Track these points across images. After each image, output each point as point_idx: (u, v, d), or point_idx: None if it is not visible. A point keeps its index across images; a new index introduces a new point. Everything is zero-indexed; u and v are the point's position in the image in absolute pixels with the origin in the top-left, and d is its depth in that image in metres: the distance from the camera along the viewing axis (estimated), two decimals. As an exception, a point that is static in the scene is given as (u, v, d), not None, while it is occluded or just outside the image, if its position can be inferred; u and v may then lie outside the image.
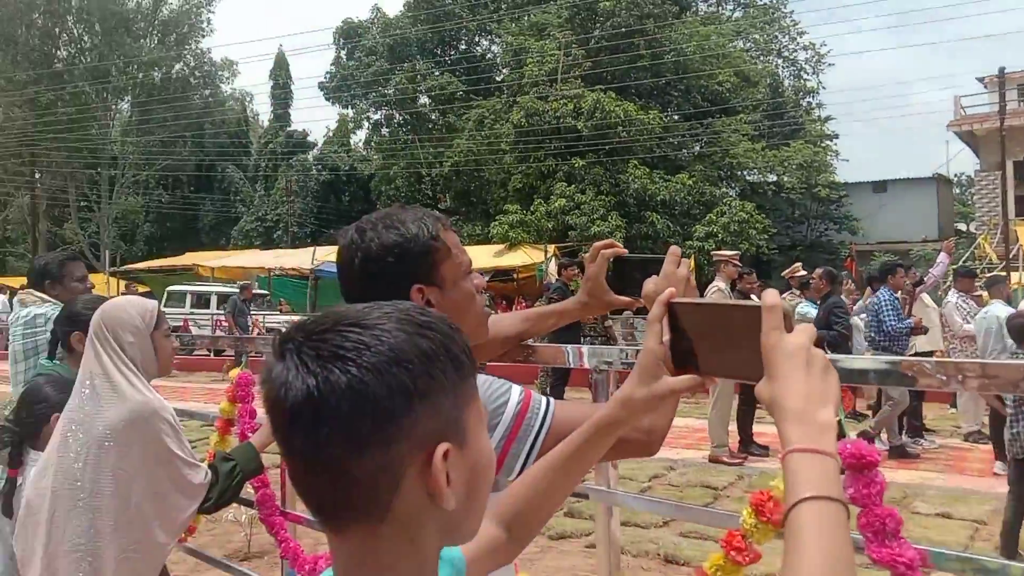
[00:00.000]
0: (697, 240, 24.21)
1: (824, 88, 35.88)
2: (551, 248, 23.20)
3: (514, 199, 27.59)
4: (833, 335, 7.15)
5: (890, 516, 1.30)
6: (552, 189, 26.85)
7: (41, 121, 37.61)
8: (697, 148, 30.02)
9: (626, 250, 1.70)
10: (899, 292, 8.15)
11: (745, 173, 30.18)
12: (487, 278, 15.61)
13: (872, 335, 7.67)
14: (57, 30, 40.45)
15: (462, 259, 1.47)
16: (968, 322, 7.89)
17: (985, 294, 8.36)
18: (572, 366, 1.98)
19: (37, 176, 39.75)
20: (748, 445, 7.67)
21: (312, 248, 25.44)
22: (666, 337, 0.99)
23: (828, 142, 32.06)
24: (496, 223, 26.22)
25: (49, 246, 38.02)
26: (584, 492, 1.87)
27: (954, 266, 10.21)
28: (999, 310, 7.11)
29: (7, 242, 43.43)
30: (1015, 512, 4.61)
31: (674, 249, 1.42)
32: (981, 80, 29.85)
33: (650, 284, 1.36)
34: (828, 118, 33.29)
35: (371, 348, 0.75)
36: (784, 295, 9.16)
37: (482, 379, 1.34)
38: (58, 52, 40.83)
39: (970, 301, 8.31)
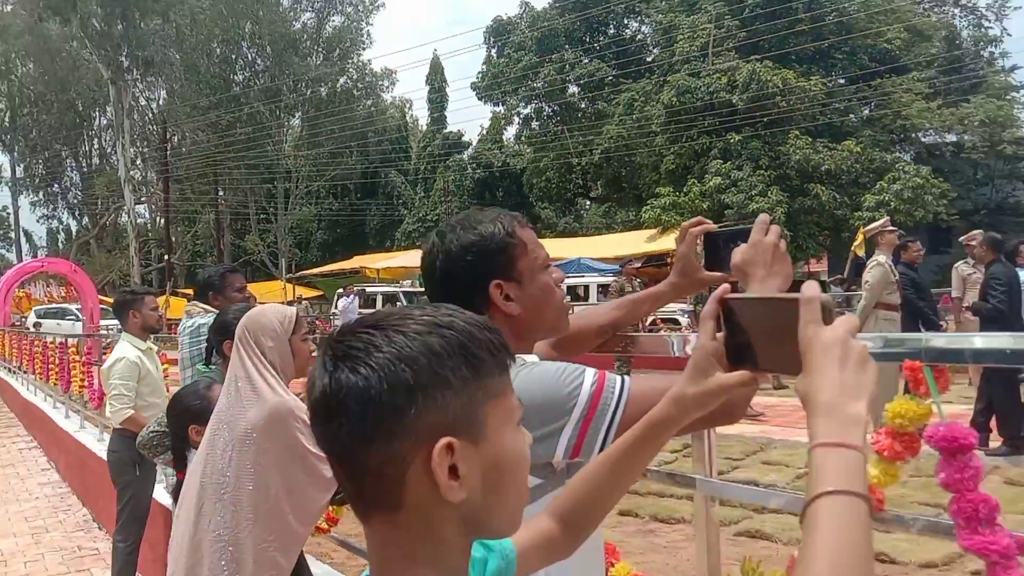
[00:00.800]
0: (867, 211, 22.73)
1: (1009, 35, 32.65)
2: (708, 229, 22.56)
3: (666, 181, 27.05)
4: (989, 309, 6.55)
5: (984, 502, 1.21)
6: (707, 168, 26.11)
7: (222, 142, 40.95)
8: (866, 112, 28.19)
9: (714, 225, 1.67)
10: None
11: (920, 135, 28.03)
12: (639, 264, 15.42)
13: None
14: (233, 56, 43.86)
15: (539, 253, 1.50)
16: None
17: None
18: (677, 354, 1.96)
19: (220, 193, 43.28)
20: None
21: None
22: (720, 333, 0.99)
23: (1014, 94, 29.19)
24: (648, 207, 25.82)
25: (233, 257, 41.39)
26: (688, 479, 1.85)
27: None
28: None
29: (197, 256, 47.56)
30: None
31: (763, 217, 1.39)
32: None
33: (738, 255, 1.34)
34: (1013, 67, 30.34)
35: (379, 348, 0.81)
36: (958, 264, 8.48)
37: (556, 365, 1.36)
38: (234, 77, 44.28)
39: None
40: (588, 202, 39.20)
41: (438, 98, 45.96)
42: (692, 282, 1.74)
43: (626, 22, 36.09)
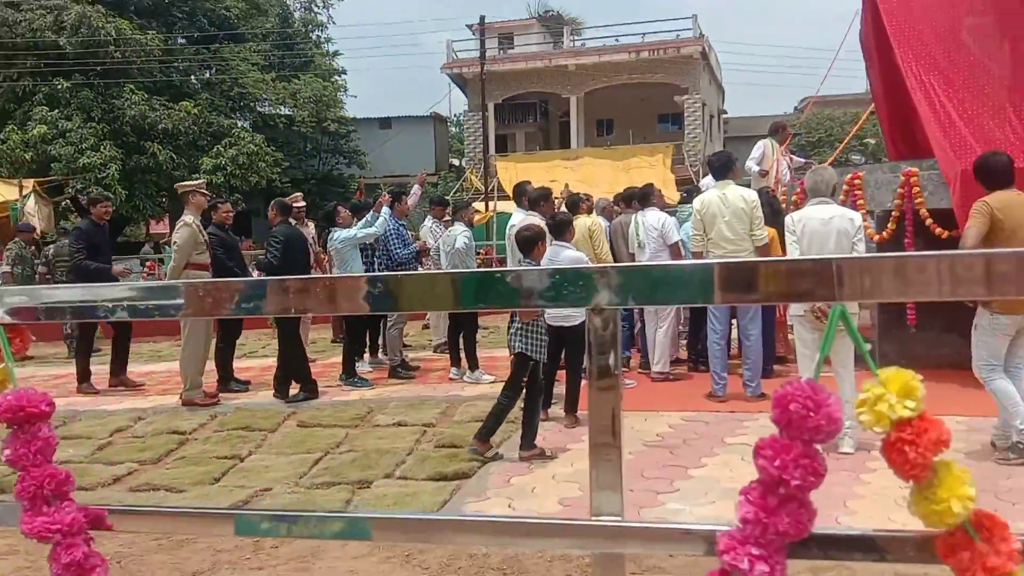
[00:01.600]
0: (205, 173, 22.92)
1: (334, 23, 36.44)
2: (29, 183, 19.97)
3: (-24, 125, 23.09)
4: (265, 263, 7.50)
5: (51, 477, 1.11)
6: (31, 114, 23.06)
7: None
8: (206, 75, 28.30)
9: None
10: (405, 219, 8.75)
11: (256, 104, 29.44)
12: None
13: (384, 262, 8.23)
14: None
15: None
16: (436, 242, 8.64)
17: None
18: None
19: None
20: (228, 382, 7.51)
21: None
22: None
23: (337, 77, 32.77)
24: (-54, 154, 21.69)
25: None
26: None
27: (435, 196, 11.10)
28: (458, 229, 7.96)
29: None
30: (504, 397, 5.18)
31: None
32: (470, 27, 33.03)
33: None
34: (336, 53, 33.98)
35: None
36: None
37: None
38: None
39: (442, 225, 9.12)
40: None
41: None
42: None
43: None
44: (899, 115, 8.74)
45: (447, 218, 9.18)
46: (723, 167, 6.68)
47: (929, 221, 6.73)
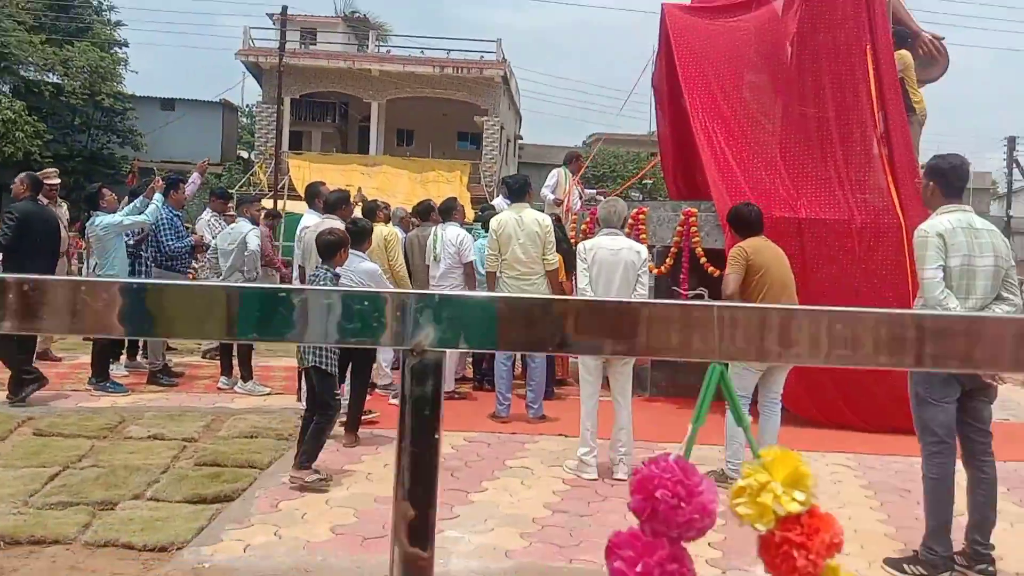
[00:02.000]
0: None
1: (118, -11, 33.36)
2: None
3: None
4: None
5: None
6: None
7: None
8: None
9: None
10: (181, 210, 7.97)
11: (20, 68, 26.27)
12: None
13: (154, 255, 7.54)
14: None
15: None
16: (214, 238, 7.97)
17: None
18: None
19: None
20: None
21: None
22: None
23: (117, 49, 30.05)
24: None
25: None
26: None
27: (220, 188, 10.27)
28: (244, 227, 7.39)
29: None
30: (322, 418, 4.73)
31: None
32: (271, 16, 31.54)
33: None
34: (119, 23, 31.20)
35: None
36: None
37: None
38: None
39: (222, 220, 8.46)
40: None
41: None
42: None
43: None
44: (683, 157, 9.31)
45: (229, 212, 8.54)
46: (520, 190, 6.73)
47: (704, 260, 7.16)
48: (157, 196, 7.14)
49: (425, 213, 8.18)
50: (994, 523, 3.71)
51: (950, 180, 3.83)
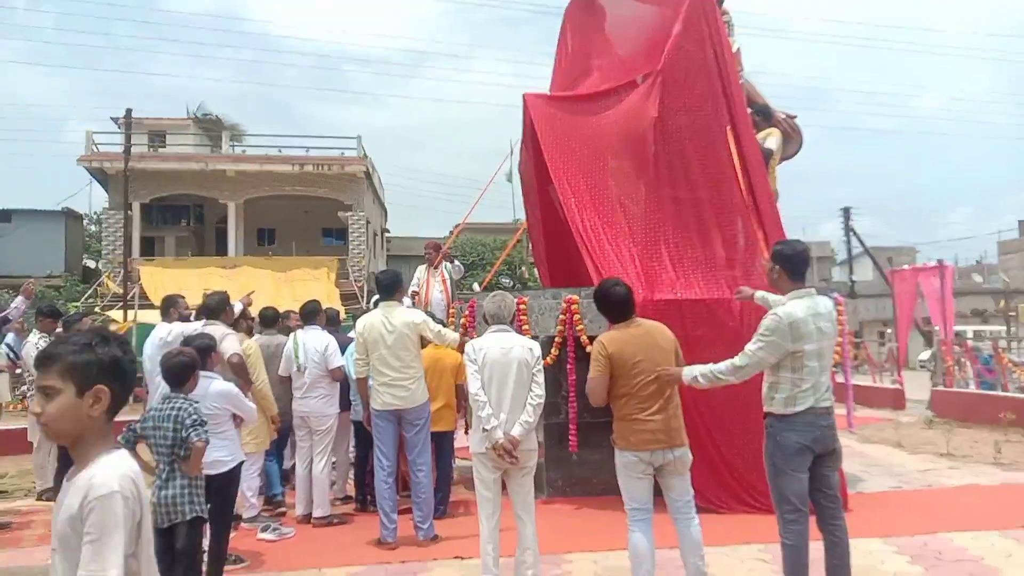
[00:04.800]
0: None
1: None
2: None
3: None
4: None
5: None
6: None
7: None
8: None
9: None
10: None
11: None
12: None
13: None
14: None
15: None
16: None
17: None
18: None
19: None
20: None
21: None
22: None
23: (-59, 159, 27.83)
24: None
25: None
26: None
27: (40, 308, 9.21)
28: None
29: None
30: None
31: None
32: (115, 120, 30.19)
33: None
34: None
35: None
36: None
37: None
38: None
39: (49, 339, 7.51)
40: None
41: None
42: None
43: None
44: (556, 244, 9.16)
45: (58, 330, 7.61)
46: (390, 286, 6.22)
47: (589, 348, 6.88)
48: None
49: (271, 320, 7.53)
50: None
51: (795, 265, 4.10)
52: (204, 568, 4.41)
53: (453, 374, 6.76)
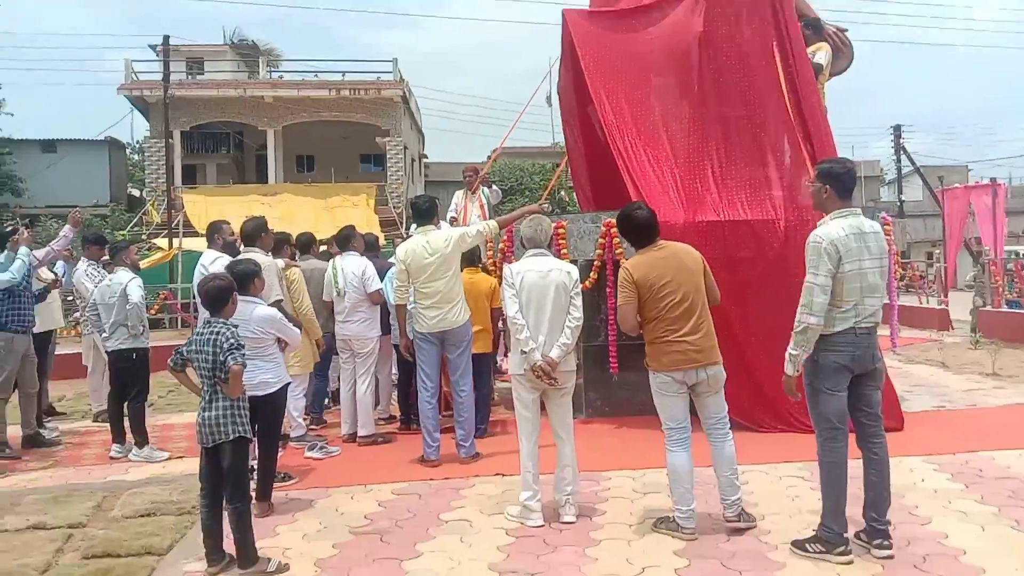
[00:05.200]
0: None
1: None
2: None
3: None
4: None
5: None
6: None
7: None
8: None
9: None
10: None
11: None
12: None
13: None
14: None
15: None
16: (93, 288, 7.18)
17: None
18: None
19: None
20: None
21: None
22: None
23: (-12, 91, 28.21)
24: None
25: None
26: None
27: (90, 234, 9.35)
28: (123, 277, 6.64)
29: None
30: (240, 503, 3.96)
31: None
32: (154, 48, 30.14)
33: None
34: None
35: None
36: None
37: None
38: None
39: (101, 268, 7.68)
40: None
41: None
42: None
43: None
44: (594, 166, 9.03)
45: (105, 257, 7.74)
46: (427, 211, 6.20)
47: (628, 271, 6.84)
48: (23, 250, 6.36)
49: (306, 246, 7.60)
50: (888, 500, 3.88)
51: (844, 183, 3.97)
52: (254, 485, 4.58)
53: (488, 298, 6.78)
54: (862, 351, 3.85)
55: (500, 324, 6.98)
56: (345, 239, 7.00)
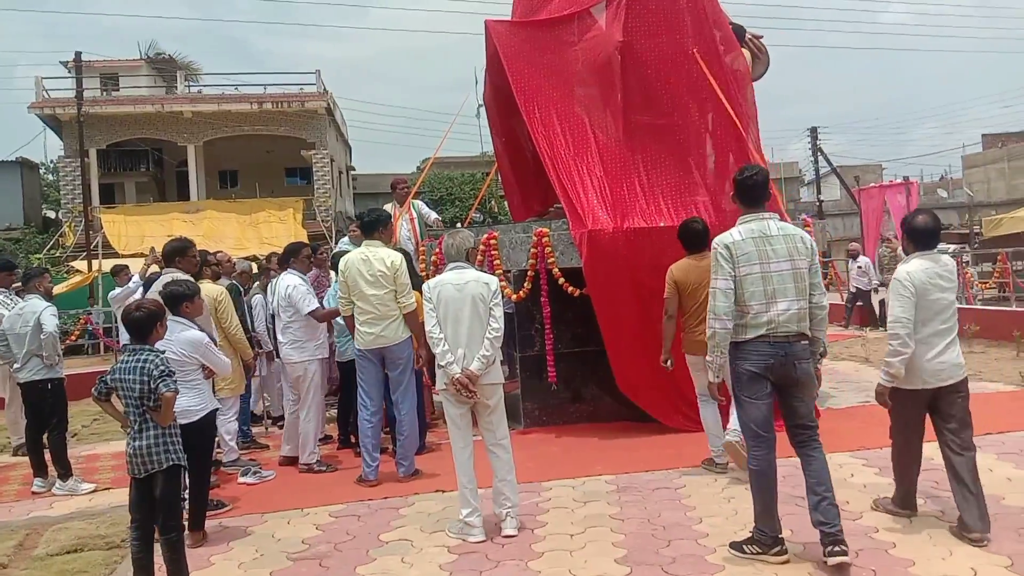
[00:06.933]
0: None
1: None
2: None
3: None
4: None
5: None
6: None
7: None
8: None
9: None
10: None
11: None
12: None
13: None
14: None
15: None
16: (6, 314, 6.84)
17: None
18: None
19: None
20: None
21: None
22: None
23: None
24: None
25: None
26: None
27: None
28: (36, 305, 6.37)
29: None
30: (172, 532, 3.82)
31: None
32: (65, 64, 29.09)
33: None
34: None
35: None
36: None
37: None
38: None
39: (13, 296, 7.34)
40: None
41: None
42: None
43: None
44: (525, 176, 9.05)
45: (16, 285, 7.40)
46: (370, 224, 6.04)
47: (561, 280, 6.87)
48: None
49: (282, 262, 7.32)
50: (833, 504, 3.81)
51: (747, 191, 4.07)
52: (186, 514, 4.42)
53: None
54: (778, 360, 3.82)
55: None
56: (287, 255, 6.82)
